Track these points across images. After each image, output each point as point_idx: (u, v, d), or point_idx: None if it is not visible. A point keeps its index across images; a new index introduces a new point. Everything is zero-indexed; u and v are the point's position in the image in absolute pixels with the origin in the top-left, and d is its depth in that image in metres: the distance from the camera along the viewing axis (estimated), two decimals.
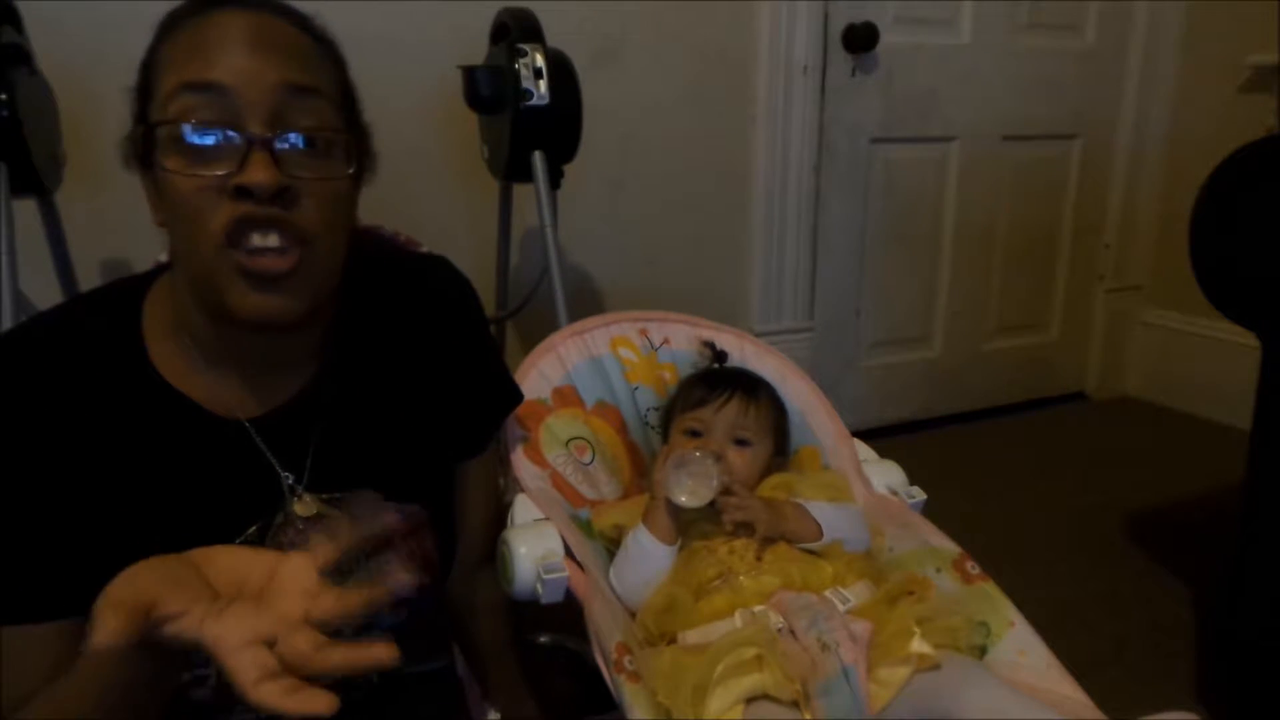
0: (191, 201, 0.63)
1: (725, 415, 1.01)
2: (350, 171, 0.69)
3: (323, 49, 0.70)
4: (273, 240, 0.64)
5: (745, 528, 0.90)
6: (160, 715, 0.65)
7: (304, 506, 0.76)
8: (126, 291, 0.75)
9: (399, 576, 0.67)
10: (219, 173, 0.63)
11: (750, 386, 1.05)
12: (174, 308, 0.73)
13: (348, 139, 0.69)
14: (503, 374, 0.96)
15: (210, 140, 0.63)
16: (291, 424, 0.75)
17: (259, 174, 0.62)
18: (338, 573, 0.77)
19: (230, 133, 0.63)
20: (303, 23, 0.69)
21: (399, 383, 0.83)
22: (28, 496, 0.66)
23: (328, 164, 0.67)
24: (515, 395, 0.97)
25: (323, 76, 0.68)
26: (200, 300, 0.69)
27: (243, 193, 0.63)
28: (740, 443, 1.00)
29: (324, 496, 0.77)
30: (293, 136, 0.65)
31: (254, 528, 0.74)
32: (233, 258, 0.64)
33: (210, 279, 0.65)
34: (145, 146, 0.65)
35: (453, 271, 0.90)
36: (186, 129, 0.63)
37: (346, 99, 0.71)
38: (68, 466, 0.67)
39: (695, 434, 1.01)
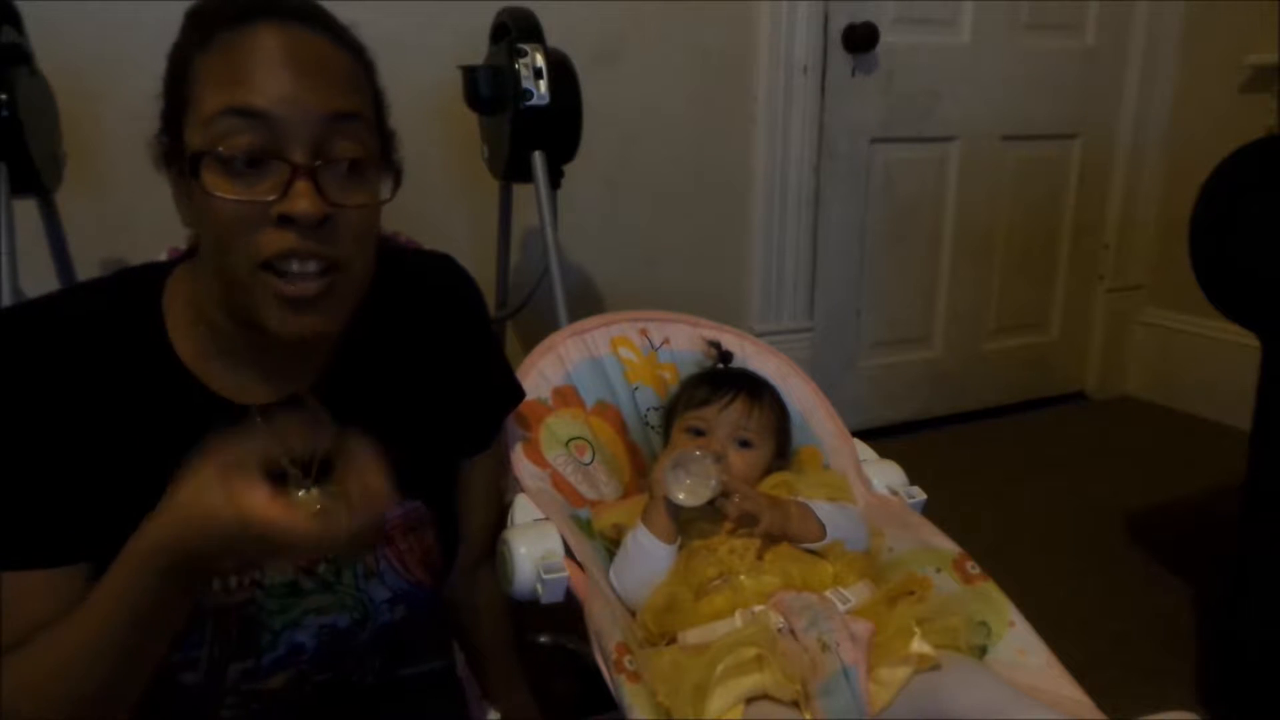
0: (232, 223, 0.64)
1: (729, 416, 1.01)
2: (387, 197, 0.70)
3: (359, 65, 0.70)
4: (311, 267, 0.65)
5: (749, 519, 0.90)
6: (151, 678, 0.66)
7: (307, 497, 0.77)
8: (149, 276, 0.76)
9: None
10: (262, 199, 0.63)
11: (754, 388, 1.05)
12: (194, 297, 0.74)
13: (382, 160, 0.70)
14: (505, 370, 0.96)
15: (254, 166, 0.64)
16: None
17: (303, 204, 0.63)
18: (330, 564, 0.78)
19: (274, 160, 0.64)
20: (339, 36, 0.69)
21: (404, 378, 0.83)
22: (41, 453, 0.67)
23: (365, 188, 0.68)
24: (518, 392, 0.98)
25: (361, 98, 0.69)
26: (230, 306, 0.69)
27: (285, 221, 0.63)
28: (743, 444, 1.01)
29: (329, 488, 0.77)
30: (335, 165, 0.66)
31: None
32: (268, 281, 0.65)
33: (245, 296, 0.67)
34: (184, 161, 0.65)
35: (457, 268, 0.91)
36: (231, 155, 0.63)
37: (380, 112, 0.72)
38: (81, 433, 0.68)
39: (698, 433, 1.01)
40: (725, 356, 1.14)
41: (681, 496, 0.88)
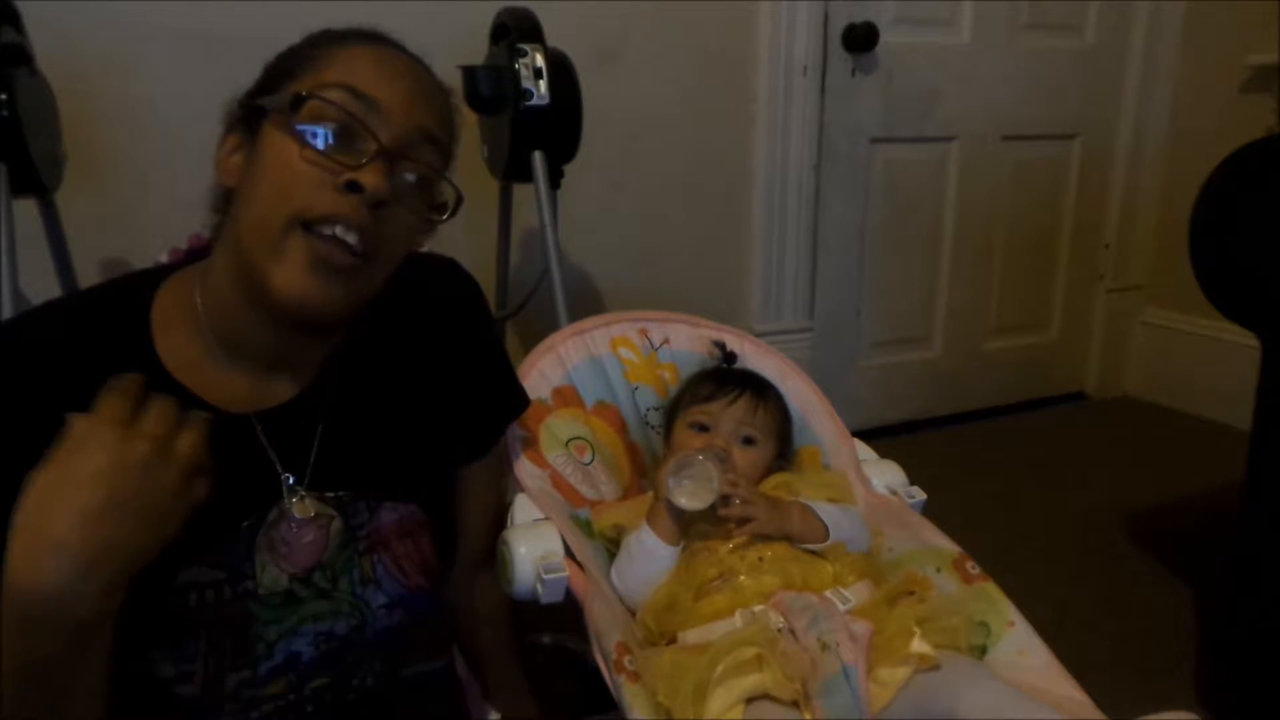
0: (296, 175, 0.67)
1: (733, 412, 1.01)
2: (444, 217, 0.75)
3: (457, 121, 0.79)
4: (351, 238, 0.68)
5: (747, 521, 0.90)
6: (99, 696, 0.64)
7: (301, 505, 0.76)
8: (138, 283, 0.75)
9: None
10: (338, 160, 0.67)
11: (759, 387, 1.06)
12: (191, 299, 0.74)
13: (442, 188, 0.76)
14: (509, 378, 0.96)
15: (346, 132, 0.68)
16: (295, 421, 0.76)
17: (374, 178, 0.67)
18: (326, 572, 0.77)
19: (365, 136, 0.68)
20: (448, 93, 0.78)
21: (405, 384, 0.83)
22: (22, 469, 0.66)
23: (421, 203, 0.73)
24: (521, 400, 0.96)
25: (448, 137, 0.77)
26: (240, 275, 0.70)
27: (351, 188, 0.67)
28: (746, 440, 1.01)
29: (322, 495, 0.77)
30: (409, 166, 0.71)
31: (247, 522, 0.74)
32: (300, 238, 0.67)
33: (264, 253, 0.68)
34: (270, 112, 0.69)
35: (462, 274, 0.91)
36: (333, 104, 0.68)
37: (448, 161, 0.78)
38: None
39: (702, 428, 1.01)
40: (730, 357, 1.14)
41: (684, 501, 0.88)
